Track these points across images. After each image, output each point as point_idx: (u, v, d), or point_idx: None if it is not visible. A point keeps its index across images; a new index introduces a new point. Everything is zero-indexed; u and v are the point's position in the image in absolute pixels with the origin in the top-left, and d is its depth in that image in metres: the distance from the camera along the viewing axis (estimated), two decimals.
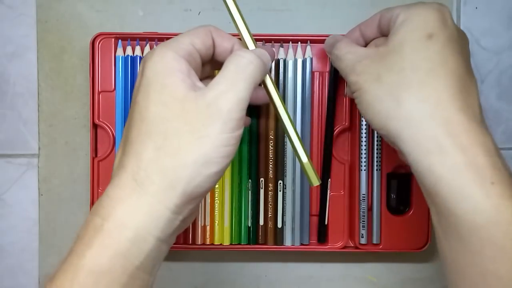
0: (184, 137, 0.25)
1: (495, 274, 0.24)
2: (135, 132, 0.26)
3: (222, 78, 0.26)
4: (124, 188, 0.25)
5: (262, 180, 0.39)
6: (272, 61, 0.28)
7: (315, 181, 0.29)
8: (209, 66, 0.31)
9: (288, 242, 0.39)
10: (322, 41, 0.38)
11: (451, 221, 0.26)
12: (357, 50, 0.31)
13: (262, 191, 0.39)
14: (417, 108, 0.26)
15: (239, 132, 0.26)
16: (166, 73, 0.26)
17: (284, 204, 0.39)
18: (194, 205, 0.26)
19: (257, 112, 0.39)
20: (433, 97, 0.26)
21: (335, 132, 0.39)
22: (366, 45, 0.33)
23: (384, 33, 0.31)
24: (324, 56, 0.39)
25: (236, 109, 0.25)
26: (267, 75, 0.29)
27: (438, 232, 0.27)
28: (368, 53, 0.30)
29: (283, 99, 0.38)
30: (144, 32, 0.39)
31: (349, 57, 0.30)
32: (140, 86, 0.26)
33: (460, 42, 0.28)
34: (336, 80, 0.39)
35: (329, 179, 0.39)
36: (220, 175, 0.26)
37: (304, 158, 0.29)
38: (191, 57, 0.27)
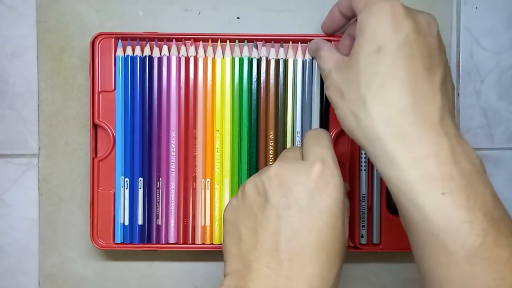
0: None
1: (448, 279, 0.26)
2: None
3: None
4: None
5: None
6: None
7: None
8: None
9: None
10: None
11: (411, 228, 0.27)
12: (333, 57, 0.32)
13: None
14: (372, 126, 0.27)
15: None
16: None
17: None
18: None
19: (257, 112, 0.39)
20: (385, 114, 0.27)
21: (335, 132, 0.39)
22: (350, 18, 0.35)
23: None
24: None
25: None
26: None
27: (408, 237, 0.29)
28: (338, 62, 0.31)
29: (283, 100, 0.38)
30: (144, 32, 0.39)
31: (325, 66, 0.32)
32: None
33: (419, 38, 0.28)
34: None
35: None
36: None
37: None
38: None
